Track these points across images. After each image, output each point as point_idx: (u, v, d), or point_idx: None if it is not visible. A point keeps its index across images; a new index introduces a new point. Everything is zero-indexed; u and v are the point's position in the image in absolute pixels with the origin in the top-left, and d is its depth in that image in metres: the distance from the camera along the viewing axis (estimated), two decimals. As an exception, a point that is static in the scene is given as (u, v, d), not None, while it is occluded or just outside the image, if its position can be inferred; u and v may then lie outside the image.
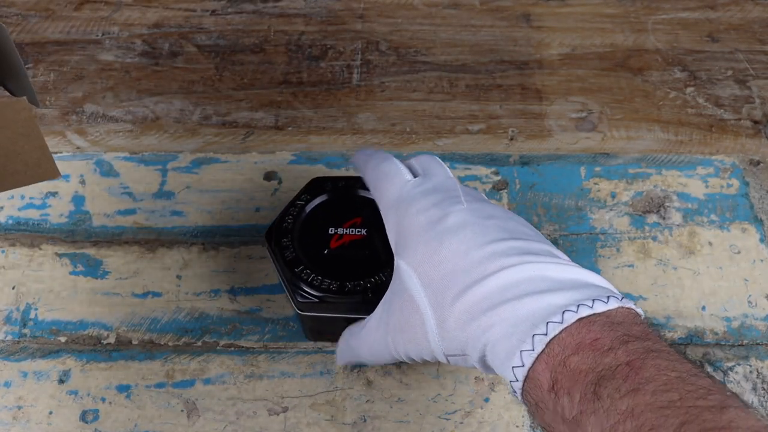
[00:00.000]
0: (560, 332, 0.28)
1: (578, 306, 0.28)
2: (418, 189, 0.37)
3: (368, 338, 0.37)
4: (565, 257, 0.33)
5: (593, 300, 0.29)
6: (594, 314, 0.28)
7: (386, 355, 0.37)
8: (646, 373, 0.26)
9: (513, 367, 0.29)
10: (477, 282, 0.31)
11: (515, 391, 0.30)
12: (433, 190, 0.36)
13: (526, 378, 0.29)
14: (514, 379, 0.29)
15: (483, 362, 0.32)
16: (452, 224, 0.34)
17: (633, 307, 0.30)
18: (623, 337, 0.27)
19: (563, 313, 0.28)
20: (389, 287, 0.36)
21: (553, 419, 0.28)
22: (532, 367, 0.28)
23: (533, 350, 0.28)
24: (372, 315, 0.38)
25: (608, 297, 0.29)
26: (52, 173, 0.29)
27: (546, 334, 0.28)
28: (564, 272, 0.31)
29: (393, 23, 0.62)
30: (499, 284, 0.31)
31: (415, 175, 0.38)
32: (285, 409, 0.43)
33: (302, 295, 0.39)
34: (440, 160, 0.39)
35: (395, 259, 0.36)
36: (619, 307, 0.29)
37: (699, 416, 0.24)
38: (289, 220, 0.42)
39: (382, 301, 0.37)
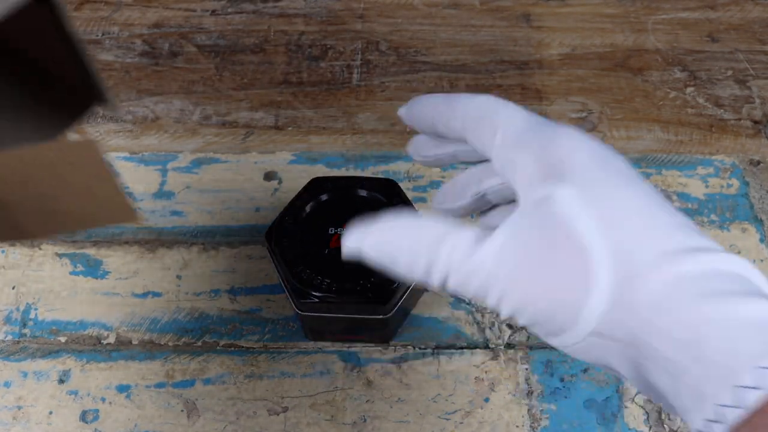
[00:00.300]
0: None
1: None
2: (548, 122, 0.29)
3: (483, 263, 0.25)
4: None
5: None
6: None
7: (481, 288, 0.26)
8: None
9: (738, 386, 0.20)
10: (675, 255, 0.23)
11: (713, 420, 0.21)
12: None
13: (760, 410, 0.20)
14: (733, 405, 0.21)
15: (650, 360, 0.24)
16: (622, 166, 0.26)
17: None
18: None
19: None
20: (520, 214, 0.27)
21: None
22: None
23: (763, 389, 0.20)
24: (494, 239, 0.26)
25: None
26: (130, 217, 0.28)
27: None
28: (758, 276, 0.24)
29: (393, 23, 0.62)
30: (704, 269, 0.23)
31: None
32: (285, 409, 0.43)
33: (302, 295, 0.39)
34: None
35: (540, 186, 0.26)
36: None
37: None
38: (289, 220, 0.42)
39: (508, 224, 0.26)
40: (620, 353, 0.24)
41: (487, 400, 0.44)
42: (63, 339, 0.46)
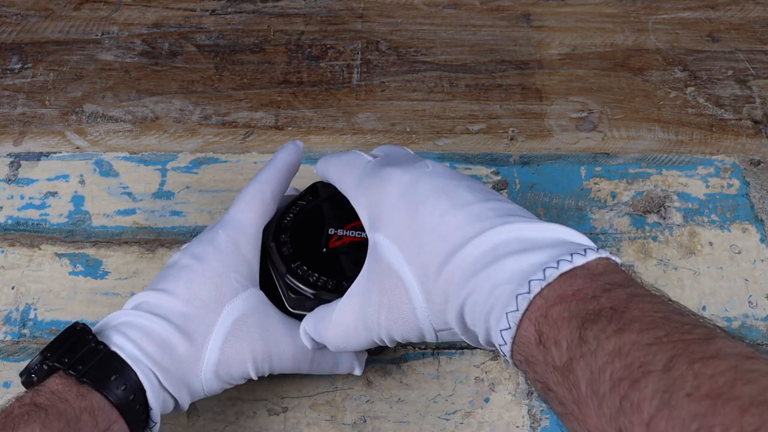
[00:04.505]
0: (543, 289, 0.28)
1: (558, 262, 0.28)
2: (379, 163, 0.37)
3: (343, 321, 0.36)
4: (535, 218, 0.33)
5: (572, 254, 0.29)
6: (575, 268, 0.28)
7: (364, 338, 0.36)
8: (630, 315, 0.26)
9: (501, 330, 0.29)
10: (458, 249, 0.31)
11: (505, 355, 0.30)
12: (396, 161, 0.36)
13: (515, 339, 0.29)
14: (503, 342, 0.29)
15: (469, 333, 0.32)
16: (424, 190, 0.34)
17: (611, 257, 0.30)
18: (605, 285, 0.27)
19: (544, 270, 0.28)
20: (365, 265, 0.36)
21: (544, 371, 0.28)
22: (518, 326, 0.28)
23: (518, 310, 0.28)
24: (346, 297, 0.36)
25: (585, 250, 0.29)
26: None
27: (529, 292, 0.28)
28: (542, 231, 0.31)
29: (393, 23, 0.62)
30: (479, 249, 0.31)
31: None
32: (285, 410, 0.43)
33: (296, 292, 0.39)
34: (401, 147, 0.40)
35: (370, 234, 0.35)
36: (598, 259, 0.29)
37: (687, 349, 0.24)
38: (289, 218, 0.42)
39: (357, 281, 0.36)
40: (455, 334, 0.33)
41: (487, 400, 0.44)
42: (62, 339, 0.46)
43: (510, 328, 0.28)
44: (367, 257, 0.35)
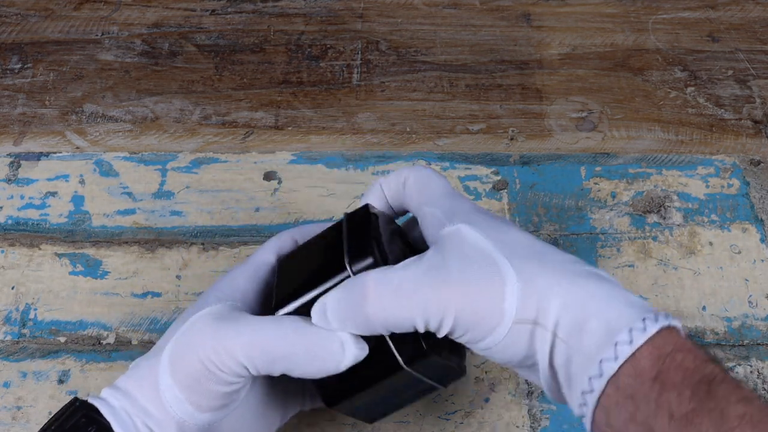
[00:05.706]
0: (668, 327, 0.28)
1: (667, 315, 0.29)
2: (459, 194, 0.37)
3: (404, 281, 0.31)
4: None
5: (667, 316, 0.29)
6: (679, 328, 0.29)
7: (411, 309, 0.30)
8: (744, 391, 0.26)
9: (616, 343, 0.27)
10: (561, 262, 0.31)
11: (601, 375, 0.28)
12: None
13: (626, 361, 0.27)
14: (613, 358, 0.27)
15: (552, 333, 0.29)
16: (509, 228, 0.33)
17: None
18: (712, 355, 0.28)
19: (667, 315, 0.28)
20: (436, 246, 0.32)
21: (653, 413, 0.27)
22: (638, 349, 0.27)
23: (645, 330, 0.27)
24: (411, 263, 0.32)
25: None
26: None
27: (657, 321, 0.28)
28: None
29: (393, 23, 0.62)
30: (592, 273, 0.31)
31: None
32: (285, 410, 0.43)
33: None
34: (435, 174, 0.37)
35: (450, 224, 0.33)
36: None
37: None
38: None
39: (418, 257, 0.32)
40: (532, 340, 0.30)
41: (487, 400, 0.44)
42: (62, 339, 0.46)
43: (631, 342, 0.27)
44: (446, 243, 0.32)
